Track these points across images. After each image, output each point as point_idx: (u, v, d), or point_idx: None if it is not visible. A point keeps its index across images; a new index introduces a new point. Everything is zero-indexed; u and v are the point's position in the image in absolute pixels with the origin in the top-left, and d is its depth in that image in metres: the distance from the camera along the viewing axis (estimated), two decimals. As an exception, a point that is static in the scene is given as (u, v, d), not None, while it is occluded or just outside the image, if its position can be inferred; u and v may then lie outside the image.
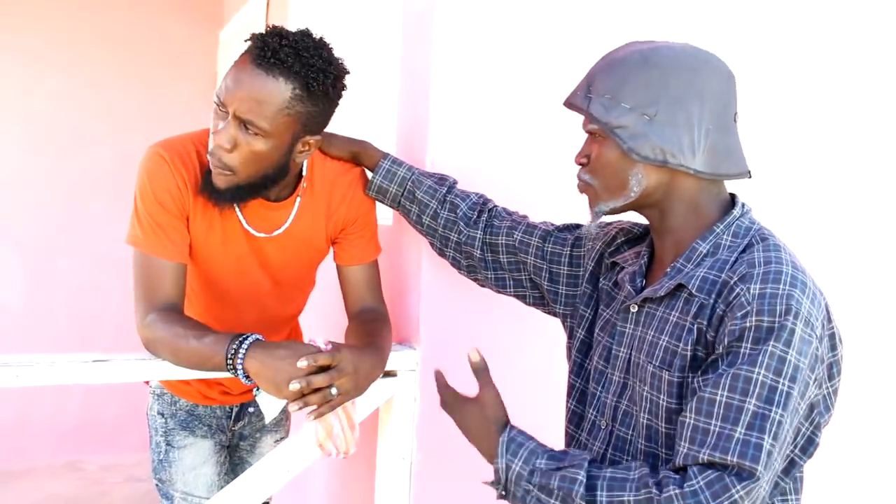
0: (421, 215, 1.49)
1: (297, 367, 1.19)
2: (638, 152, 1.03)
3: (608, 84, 1.05)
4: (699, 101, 1.02)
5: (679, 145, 1.02)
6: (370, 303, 1.54)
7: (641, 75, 1.03)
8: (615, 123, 1.04)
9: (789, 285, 0.94)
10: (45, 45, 3.78)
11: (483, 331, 1.66)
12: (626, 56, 1.06)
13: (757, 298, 0.94)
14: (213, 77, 4.07)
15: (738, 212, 1.07)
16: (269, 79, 1.23)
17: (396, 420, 1.59)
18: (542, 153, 1.69)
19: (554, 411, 1.73)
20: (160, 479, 1.66)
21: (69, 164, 3.83)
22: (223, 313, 1.52)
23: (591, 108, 1.06)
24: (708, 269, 1.03)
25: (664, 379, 1.03)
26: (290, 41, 1.24)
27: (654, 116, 1.02)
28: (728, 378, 0.92)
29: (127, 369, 1.34)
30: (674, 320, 1.05)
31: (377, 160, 1.50)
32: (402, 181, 1.48)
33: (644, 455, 1.06)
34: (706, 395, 0.94)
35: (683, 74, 1.03)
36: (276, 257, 1.48)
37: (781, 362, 0.91)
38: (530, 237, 1.38)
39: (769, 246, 1.01)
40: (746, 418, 0.91)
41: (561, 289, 1.34)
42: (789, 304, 0.92)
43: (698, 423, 0.93)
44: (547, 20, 1.68)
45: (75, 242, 3.82)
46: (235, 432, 1.75)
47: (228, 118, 1.25)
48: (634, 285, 1.14)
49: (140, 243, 1.34)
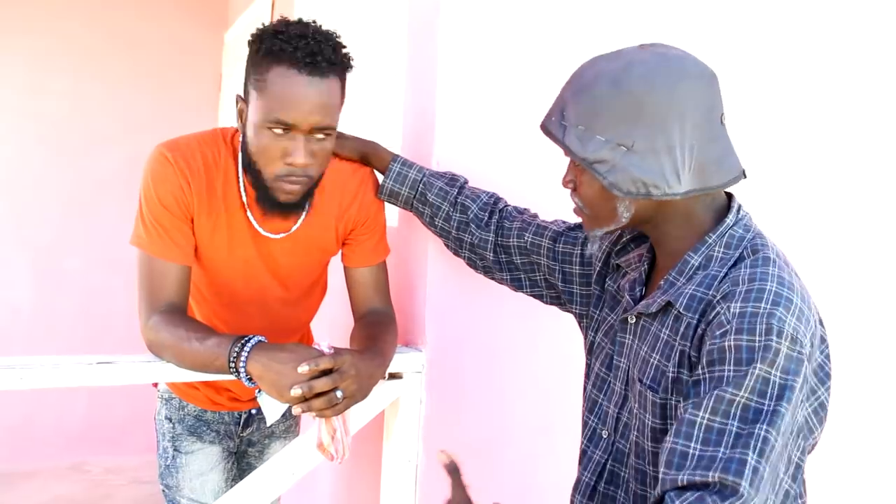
0: (433, 218, 1.47)
1: (299, 373, 1.18)
2: (619, 189, 0.98)
3: (580, 113, 0.99)
4: (679, 121, 0.96)
5: (661, 174, 0.96)
6: (377, 305, 1.52)
7: (614, 103, 0.96)
8: (592, 158, 0.98)
9: (771, 303, 0.89)
10: (52, 48, 3.79)
11: (490, 333, 1.65)
12: (595, 79, 0.99)
13: (737, 317, 0.90)
14: (219, 78, 4.08)
15: (731, 220, 1.02)
16: (324, 81, 1.23)
17: (402, 422, 1.58)
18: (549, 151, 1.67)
19: (562, 413, 1.72)
20: (167, 485, 1.64)
21: (77, 165, 3.84)
22: (232, 318, 1.51)
23: (566, 140, 1.00)
24: (696, 286, 0.99)
25: (649, 399, 1.01)
26: (314, 36, 1.24)
27: (631, 147, 0.96)
28: (711, 400, 0.87)
29: (131, 371, 1.33)
30: (664, 338, 1.02)
31: (387, 162, 1.49)
32: (413, 184, 1.47)
33: (635, 472, 1.05)
34: (686, 417, 0.88)
35: (659, 94, 0.95)
36: (285, 260, 1.47)
37: (766, 384, 0.86)
38: (541, 238, 1.36)
39: (758, 260, 0.97)
40: (729, 440, 0.85)
41: (575, 288, 1.32)
42: (770, 324, 0.88)
43: (676, 446, 0.88)
44: (552, 18, 1.67)
45: (83, 243, 3.83)
46: (244, 438, 1.73)
47: (298, 137, 1.25)
48: (633, 294, 1.11)
49: (144, 245, 1.34)
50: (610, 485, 1.10)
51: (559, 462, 1.73)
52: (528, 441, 1.71)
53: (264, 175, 1.29)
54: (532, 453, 1.71)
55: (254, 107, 1.26)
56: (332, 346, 1.25)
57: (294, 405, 1.20)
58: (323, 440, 1.27)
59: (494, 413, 1.67)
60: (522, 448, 1.70)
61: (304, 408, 1.20)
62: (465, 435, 1.64)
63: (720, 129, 1.01)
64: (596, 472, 1.12)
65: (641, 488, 1.06)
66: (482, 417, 1.66)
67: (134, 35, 3.93)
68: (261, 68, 1.24)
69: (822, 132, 2.06)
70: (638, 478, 1.04)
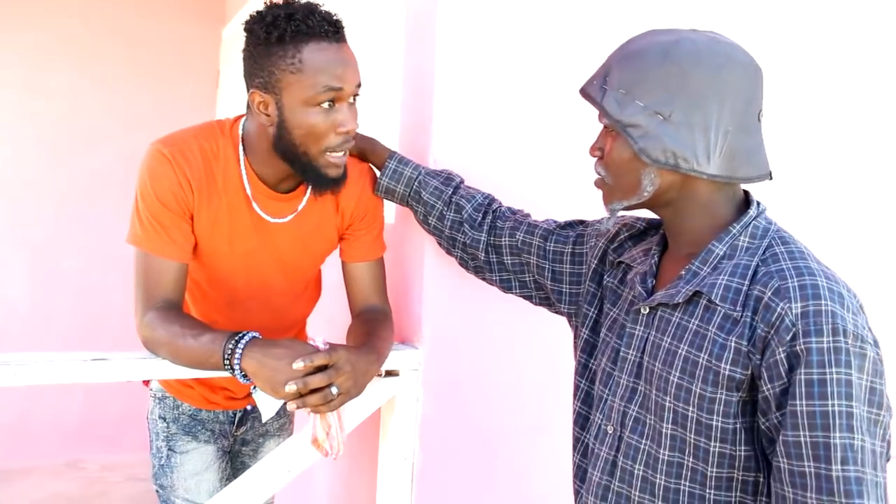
0: (427, 216, 1.48)
1: (294, 369, 1.18)
2: (648, 154, 0.99)
3: (624, 78, 1.00)
4: (719, 102, 0.97)
5: (692, 149, 0.97)
6: (374, 301, 1.52)
7: (659, 71, 0.98)
8: (627, 121, 0.99)
9: (829, 300, 0.90)
10: (49, 45, 3.78)
11: (486, 330, 1.65)
12: (645, 48, 1.01)
13: (801, 318, 0.90)
14: (216, 75, 4.07)
15: (753, 211, 1.03)
16: (346, 44, 1.30)
17: (398, 420, 1.58)
18: (545, 151, 1.67)
19: (558, 411, 1.72)
20: (161, 485, 1.63)
21: (74, 162, 3.83)
22: (233, 313, 1.50)
23: (604, 102, 1.01)
24: (729, 277, 0.99)
25: (693, 391, 0.99)
26: (315, 7, 1.27)
27: (668, 117, 0.97)
28: (804, 418, 0.88)
29: (126, 368, 1.33)
30: (693, 328, 1.01)
31: (384, 159, 1.49)
32: (408, 181, 1.47)
33: (666, 464, 1.02)
34: (790, 439, 0.89)
35: (704, 72, 0.97)
36: (288, 248, 1.46)
37: (849, 386, 0.87)
38: (532, 237, 1.36)
39: (793, 252, 0.98)
40: (838, 454, 0.87)
41: (564, 287, 1.32)
42: (836, 324, 0.89)
43: (793, 466, 0.89)
44: (549, 17, 1.67)
45: (80, 241, 3.82)
46: (238, 438, 1.72)
47: (342, 106, 1.29)
48: (645, 286, 1.10)
49: (141, 242, 1.33)
50: (623, 483, 1.08)
51: (556, 460, 1.73)
52: (525, 438, 1.70)
53: (312, 154, 1.30)
54: (529, 451, 1.71)
55: (293, 91, 1.26)
56: (327, 342, 1.25)
57: (289, 401, 1.20)
58: (318, 436, 1.27)
59: (491, 411, 1.67)
60: (519, 445, 1.70)
61: (300, 404, 1.20)
62: (461, 432, 1.64)
63: (756, 124, 1.02)
64: (606, 471, 1.10)
65: (641, 497, 1.04)
66: (480, 415, 1.65)
67: (131, 32, 3.92)
68: (288, 52, 1.24)
69: (822, 132, 2.06)
70: (672, 471, 1.02)
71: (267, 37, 1.25)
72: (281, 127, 1.29)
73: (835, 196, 2.10)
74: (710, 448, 0.98)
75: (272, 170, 1.38)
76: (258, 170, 1.39)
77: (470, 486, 1.66)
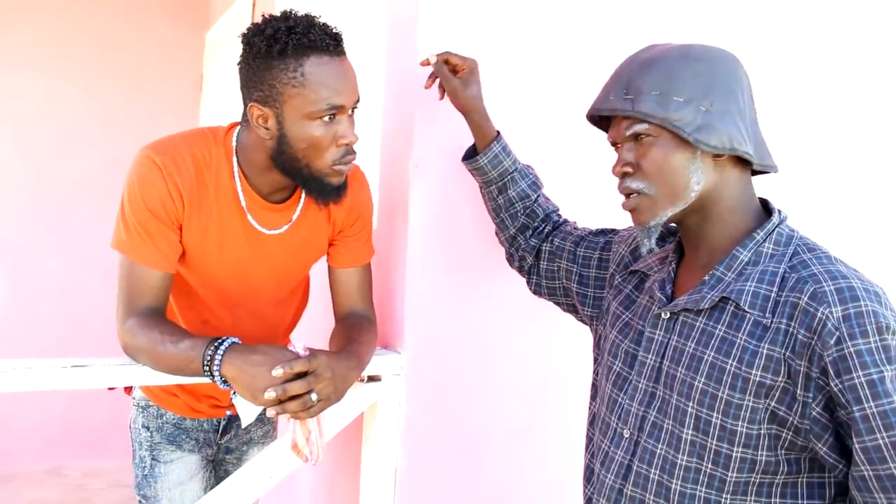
0: (501, 210, 1.47)
1: (273, 376, 1.17)
2: (706, 143, 0.99)
3: (653, 81, 1.01)
4: (741, 93, 1.02)
5: (739, 133, 1.01)
6: (359, 307, 1.52)
7: (688, 68, 1.01)
8: (674, 118, 1.00)
9: (867, 300, 0.91)
10: (30, 47, 3.75)
11: (469, 335, 1.65)
12: (660, 55, 1.04)
13: (843, 322, 0.90)
14: (200, 78, 4.05)
15: (776, 219, 1.04)
16: (346, 59, 1.30)
17: (381, 425, 1.58)
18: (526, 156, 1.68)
19: (543, 414, 1.73)
20: (144, 496, 1.61)
21: (54, 166, 3.80)
22: (220, 323, 1.49)
23: (639, 108, 1.01)
24: (756, 283, 0.99)
25: (719, 397, 0.99)
26: (315, 21, 1.27)
27: (710, 107, 1.00)
28: (875, 420, 0.88)
29: (106, 375, 1.32)
30: (720, 334, 1.01)
31: (490, 138, 1.44)
32: (502, 173, 1.44)
33: (684, 469, 1.02)
34: (868, 445, 0.89)
35: (725, 67, 1.02)
36: (280, 257, 1.46)
37: None
38: (565, 241, 1.40)
39: (821, 258, 0.98)
40: None
41: (590, 291, 1.34)
42: (879, 322, 0.90)
43: (878, 471, 0.89)
44: (531, 23, 1.67)
45: (62, 245, 3.79)
46: (221, 446, 1.70)
47: (343, 118, 1.29)
48: (664, 292, 1.11)
49: (126, 249, 1.32)
50: (637, 487, 1.08)
51: (542, 463, 1.74)
52: (511, 442, 1.71)
53: (316, 167, 1.29)
54: (514, 455, 1.71)
55: (295, 104, 1.25)
56: (307, 347, 1.25)
57: (268, 407, 1.19)
58: (297, 442, 1.26)
59: (475, 415, 1.67)
60: (504, 450, 1.70)
61: (279, 410, 1.20)
62: (444, 437, 1.64)
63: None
64: (620, 475, 1.10)
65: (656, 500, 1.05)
66: (463, 419, 1.66)
67: (113, 34, 3.90)
68: (290, 66, 1.23)
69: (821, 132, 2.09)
70: (690, 476, 1.01)
71: (268, 50, 1.23)
72: (282, 141, 1.28)
73: (835, 196, 2.12)
74: (732, 453, 0.98)
75: (267, 181, 1.37)
76: (252, 181, 1.38)
77: (453, 490, 1.66)
